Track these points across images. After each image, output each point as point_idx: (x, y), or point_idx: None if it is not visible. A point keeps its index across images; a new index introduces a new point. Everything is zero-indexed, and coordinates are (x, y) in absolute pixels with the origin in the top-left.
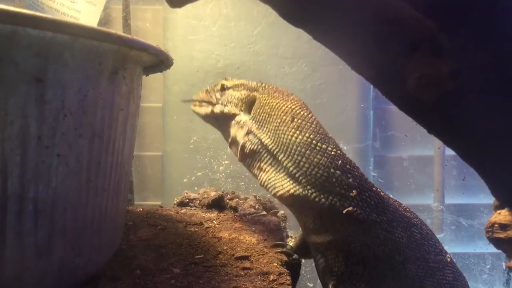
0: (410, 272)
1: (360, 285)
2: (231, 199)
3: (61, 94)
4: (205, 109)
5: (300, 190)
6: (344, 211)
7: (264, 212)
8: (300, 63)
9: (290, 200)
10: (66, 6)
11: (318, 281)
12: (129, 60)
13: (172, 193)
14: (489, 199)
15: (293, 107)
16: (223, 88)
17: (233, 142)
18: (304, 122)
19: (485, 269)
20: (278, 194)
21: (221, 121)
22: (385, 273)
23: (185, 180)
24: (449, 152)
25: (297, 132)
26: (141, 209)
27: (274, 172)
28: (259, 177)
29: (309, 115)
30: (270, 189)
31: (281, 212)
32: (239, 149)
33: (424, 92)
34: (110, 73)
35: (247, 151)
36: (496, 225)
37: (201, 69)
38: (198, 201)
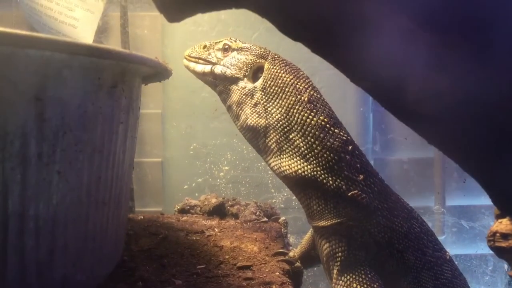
0: (408, 262)
1: (363, 270)
2: (232, 205)
3: (61, 111)
4: (202, 67)
5: (309, 171)
6: (349, 194)
7: (265, 219)
8: (299, 67)
9: (295, 180)
10: (64, 14)
11: (320, 286)
12: (128, 73)
13: (172, 200)
14: (490, 201)
15: (307, 87)
16: (226, 49)
17: (234, 108)
18: (319, 105)
19: (487, 271)
20: (284, 174)
21: (220, 83)
22: (386, 260)
23: (185, 186)
24: None
25: (312, 113)
26: (142, 217)
27: (280, 150)
28: (263, 153)
29: (322, 98)
30: (275, 167)
31: (282, 218)
32: (241, 119)
33: (424, 106)
34: (109, 87)
35: (252, 123)
36: (498, 234)
37: None
38: (199, 208)
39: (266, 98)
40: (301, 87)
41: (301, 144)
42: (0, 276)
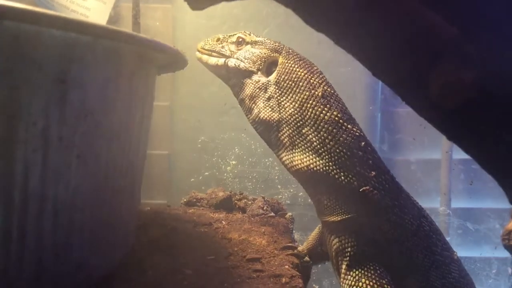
0: (417, 260)
1: (372, 266)
2: (239, 199)
3: (82, 95)
4: (216, 60)
5: (321, 166)
6: (361, 190)
7: (272, 214)
8: None
9: (307, 175)
10: (76, 4)
11: (324, 282)
12: (146, 60)
13: (178, 193)
14: (496, 204)
15: (320, 81)
16: (240, 42)
17: (246, 102)
18: (332, 100)
19: (490, 274)
20: (295, 168)
21: (233, 76)
22: (395, 257)
23: (192, 179)
24: (457, 156)
25: (326, 108)
26: (149, 208)
27: (292, 145)
28: (274, 148)
29: (336, 93)
30: (286, 162)
31: (289, 214)
32: (254, 113)
33: (447, 100)
34: (129, 74)
35: (265, 117)
36: None
37: None
38: (206, 201)
39: (279, 92)
40: (315, 82)
41: (313, 138)
42: (18, 257)
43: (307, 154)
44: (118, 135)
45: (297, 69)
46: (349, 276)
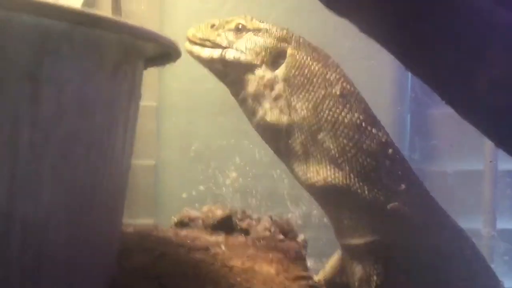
0: None
1: None
2: (241, 219)
3: (57, 93)
4: (210, 52)
5: (341, 178)
6: (389, 206)
7: (281, 236)
8: None
9: (323, 190)
10: None
11: None
12: (133, 52)
13: (167, 211)
14: None
15: (338, 77)
16: (240, 29)
17: (249, 102)
18: (353, 99)
19: None
20: (309, 182)
21: (232, 71)
22: (431, 287)
23: (183, 195)
24: (503, 166)
25: (345, 109)
26: (132, 230)
27: (306, 154)
28: (284, 157)
29: (357, 91)
30: (299, 174)
31: (301, 236)
32: (258, 116)
33: (498, 97)
34: (112, 68)
35: (273, 121)
36: None
37: None
38: (201, 221)
39: (289, 90)
40: (331, 78)
41: (331, 146)
42: None
43: (323, 164)
44: (98, 140)
45: (310, 62)
46: None
